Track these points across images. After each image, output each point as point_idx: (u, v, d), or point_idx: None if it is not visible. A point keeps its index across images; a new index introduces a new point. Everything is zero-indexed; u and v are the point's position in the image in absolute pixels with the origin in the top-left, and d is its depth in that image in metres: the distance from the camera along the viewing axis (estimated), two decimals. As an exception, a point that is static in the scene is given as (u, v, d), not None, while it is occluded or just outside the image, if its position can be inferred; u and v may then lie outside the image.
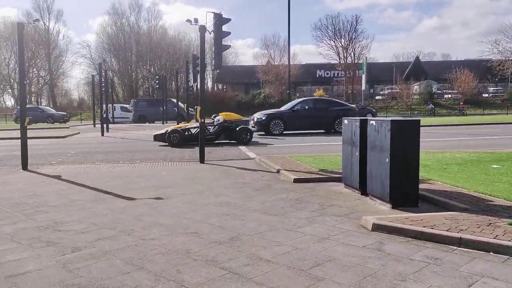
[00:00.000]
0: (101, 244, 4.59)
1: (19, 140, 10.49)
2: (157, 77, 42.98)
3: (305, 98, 25.27)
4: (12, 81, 68.13)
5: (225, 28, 11.29)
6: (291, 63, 41.78)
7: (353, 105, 25.05)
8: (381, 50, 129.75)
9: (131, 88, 69.80)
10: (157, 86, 39.66)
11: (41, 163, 11.33)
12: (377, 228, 4.86)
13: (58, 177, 8.94)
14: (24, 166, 10.16)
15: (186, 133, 15.96)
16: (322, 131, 20.54)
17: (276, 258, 4.11)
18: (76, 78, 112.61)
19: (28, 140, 10.77)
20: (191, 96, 27.26)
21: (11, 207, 6.33)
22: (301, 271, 3.80)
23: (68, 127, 30.41)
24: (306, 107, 20.81)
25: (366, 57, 45.03)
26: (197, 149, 11.79)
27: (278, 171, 9.00)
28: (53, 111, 45.09)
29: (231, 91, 61.65)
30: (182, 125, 17.91)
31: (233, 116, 17.37)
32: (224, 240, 4.69)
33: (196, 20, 14.01)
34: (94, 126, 31.24)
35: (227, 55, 75.17)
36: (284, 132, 20.10)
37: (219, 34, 11.23)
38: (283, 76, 52.09)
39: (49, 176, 9.18)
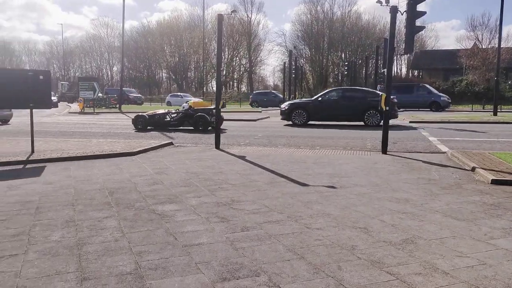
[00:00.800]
0: (268, 227, 4.64)
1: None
2: (346, 63, 42.67)
3: (337, 88, 23.16)
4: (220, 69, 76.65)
5: (421, 7, 10.29)
6: (503, 45, 36.27)
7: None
8: None
9: (321, 74, 71.18)
10: (346, 72, 39.37)
11: (231, 144, 12.36)
12: None
13: (242, 158, 9.57)
14: (217, 146, 11.21)
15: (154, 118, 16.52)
16: (354, 123, 18.58)
17: (455, 272, 3.48)
18: (271, 66, 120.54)
19: (225, 122, 11.74)
20: (381, 82, 26.16)
21: (199, 182, 6.99)
22: (486, 294, 3.12)
23: (260, 111, 32.70)
24: (334, 97, 19.23)
25: None
26: (380, 137, 11.17)
27: (472, 169, 7.84)
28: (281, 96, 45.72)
29: (427, 78, 57.10)
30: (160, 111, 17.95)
31: (200, 104, 17.61)
32: (396, 241, 4.22)
33: (387, 1, 13.17)
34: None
35: (426, 39, 69.81)
36: (309, 123, 18.94)
37: (412, 14, 10.29)
38: (491, 61, 45.64)
39: (236, 156, 9.90)
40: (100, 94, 36.36)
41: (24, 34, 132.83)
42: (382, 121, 17.56)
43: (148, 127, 16.94)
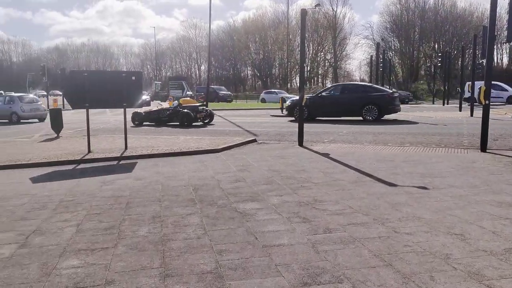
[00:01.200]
0: (352, 230, 4.41)
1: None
2: (439, 54, 40.02)
3: (337, 84, 23.57)
4: (304, 65, 76.22)
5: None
6: None
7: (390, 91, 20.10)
8: None
9: (411, 67, 67.62)
10: (439, 64, 36.91)
11: (315, 141, 12.12)
12: None
13: (326, 155, 9.32)
14: (300, 143, 11.06)
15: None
16: (352, 118, 18.48)
17: None
18: (357, 60, 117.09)
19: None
20: (479, 74, 24.12)
21: (282, 180, 6.90)
22: None
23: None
24: (334, 93, 19.49)
25: None
26: (478, 134, 10.24)
27: None
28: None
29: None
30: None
31: (188, 102, 19.15)
32: (497, 250, 3.77)
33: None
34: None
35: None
36: (310, 118, 18.57)
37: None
38: None
39: (319, 153, 9.67)
40: (189, 92, 37.91)
41: (122, 38, 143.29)
42: (379, 116, 17.81)
43: (144, 123, 18.56)
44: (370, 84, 21.81)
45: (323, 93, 19.96)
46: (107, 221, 4.95)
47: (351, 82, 22.63)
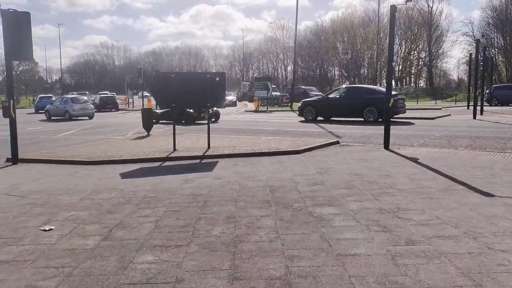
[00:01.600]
0: (438, 243, 4.01)
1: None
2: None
3: (343, 86, 24.61)
4: (394, 64, 73.11)
5: None
6: None
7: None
8: None
9: (517, 65, 61.62)
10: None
11: (402, 144, 11.45)
12: None
13: (414, 160, 8.72)
14: (386, 146, 10.50)
15: None
16: (358, 119, 18.90)
17: None
18: (455, 58, 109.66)
19: (403, 120, 10.96)
20: None
21: (362, 185, 6.56)
22: None
23: (440, 108, 29.89)
24: (339, 95, 20.38)
25: None
26: None
27: None
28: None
29: None
30: None
31: None
32: None
33: None
34: (468, 108, 29.41)
35: None
36: (318, 118, 20.12)
37: None
38: None
39: (406, 157, 9.08)
40: (275, 93, 38.13)
41: (212, 40, 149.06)
42: (379, 117, 17.85)
43: (160, 121, 20.80)
44: (374, 86, 23.06)
45: (330, 95, 21.08)
46: (183, 218, 5.04)
47: (356, 85, 24.22)
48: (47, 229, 4.75)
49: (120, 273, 3.55)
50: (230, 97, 41.16)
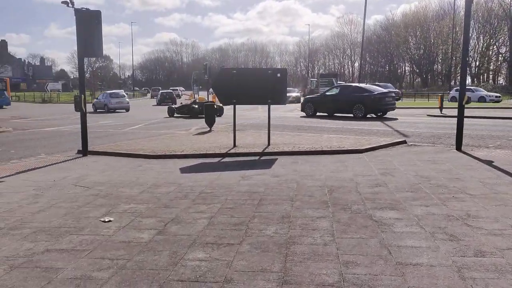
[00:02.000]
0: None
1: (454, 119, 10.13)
2: None
3: (337, 85, 26.37)
4: (470, 59, 68.72)
5: None
6: None
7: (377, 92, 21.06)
8: None
9: None
10: None
11: (476, 145, 10.64)
12: None
13: (489, 163, 8.04)
14: (458, 147, 9.80)
15: None
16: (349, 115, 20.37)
17: None
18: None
19: (471, 120, 10.24)
20: None
21: (430, 188, 6.13)
22: None
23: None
24: (334, 93, 21.93)
25: None
26: None
27: None
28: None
29: None
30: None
31: (201, 99, 26.34)
32: None
33: None
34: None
35: None
36: (317, 114, 21.73)
37: None
38: None
39: (480, 160, 8.40)
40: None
41: (278, 37, 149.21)
42: (366, 114, 19.97)
43: (175, 115, 23.97)
44: (363, 85, 24.33)
45: (327, 93, 22.55)
46: (238, 216, 4.97)
47: (348, 84, 25.63)
48: (106, 220, 4.90)
49: (171, 269, 3.54)
50: (294, 93, 40.72)
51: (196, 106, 23.11)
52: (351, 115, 20.27)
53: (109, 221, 4.88)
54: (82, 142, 10.20)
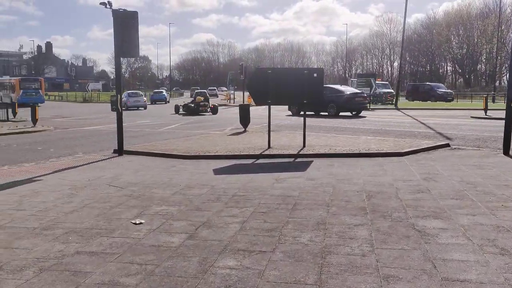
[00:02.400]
0: None
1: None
2: None
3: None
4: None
5: None
6: None
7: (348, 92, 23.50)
8: None
9: None
10: None
11: (526, 149, 10.00)
12: None
13: (541, 168, 7.50)
14: (506, 151, 9.23)
15: None
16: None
17: None
18: None
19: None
20: None
21: (476, 195, 5.74)
22: None
23: None
24: None
25: None
26: None
27: None
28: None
29: None
30: None
31: (199, 99, 29.08)
32: None
33: None
34: None
35: None
36: (301, 113, 19.87)
37: None
38: None
39: (531, 165, 7.86)
40: (379, 90, 36.39)
41: (315, 36, 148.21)
42: (337, 112, 22.41)
43: (180, 112, 27.54)
44: (336, 86, 25.95)
45: None
46: (271, 221, 4.78)
47: (329, 85, 25.58)
48: (137, 222, 4.82)
49: (200, 276, 3.39)
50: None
51: (193, 105, 27.26)
52: (326, 113, 22.51)
53: (140, 223, 4.80)
54: (118, 142, 10.29)
